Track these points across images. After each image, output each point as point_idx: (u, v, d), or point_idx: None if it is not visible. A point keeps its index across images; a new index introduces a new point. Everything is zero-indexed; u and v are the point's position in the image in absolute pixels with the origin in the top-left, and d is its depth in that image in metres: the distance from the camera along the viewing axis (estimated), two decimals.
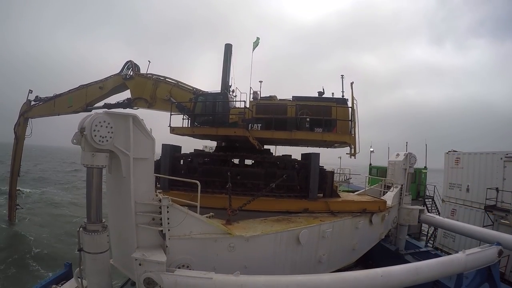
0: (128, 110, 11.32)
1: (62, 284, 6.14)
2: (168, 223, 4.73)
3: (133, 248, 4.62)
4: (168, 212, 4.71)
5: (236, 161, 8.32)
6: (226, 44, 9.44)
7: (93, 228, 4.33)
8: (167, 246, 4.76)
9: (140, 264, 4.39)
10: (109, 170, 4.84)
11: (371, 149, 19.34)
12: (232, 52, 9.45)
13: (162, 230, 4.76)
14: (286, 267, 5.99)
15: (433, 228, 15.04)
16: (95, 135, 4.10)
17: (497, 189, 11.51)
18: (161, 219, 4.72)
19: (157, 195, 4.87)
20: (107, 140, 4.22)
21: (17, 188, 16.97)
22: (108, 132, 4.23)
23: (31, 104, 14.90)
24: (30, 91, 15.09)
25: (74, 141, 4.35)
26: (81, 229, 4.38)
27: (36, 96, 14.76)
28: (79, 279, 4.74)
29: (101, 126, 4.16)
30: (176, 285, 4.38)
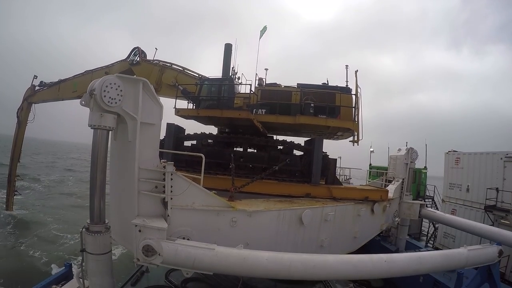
0: None
1: (62, 284, 6.06)
2: (171, 191, 4.69)
3: (134, 216, 4.56)
4: (171, 180, 4.68)
5: (239, 149, 8.30)
6: (226, 44, 9.63)
7: (96, 229, 4.27)
8: (168, 215, 4.70)
9: (140, 231, 4.31)
10: (115, 137, 4.83)
11: (371, 149, 19.32)
12: (242, 44, 9.61)
13: (164, 198, 4.71)
14: (288, 248, 5.91)
15: (433, 228, 14.95)
16: (105, 96, 4.11)
17: (497, 189, 11.49)
18: (164, 186, 4.68)
19: (161, 163, 4.85)
20: (116, 102, 4.23)
21: (16, 174, 16.80)
22: (118, 94, 4.24)
23: (36, 89, 14.96)
24: (35, 77, 15.17)
25: (83, 102, 4.36)
26: (83, 229, 4.32)
27: (41, 82, 14.83)
28: (81, 280, 4.65)
29: (111, 88, 4.18)
30: (177, 254, 4.31)
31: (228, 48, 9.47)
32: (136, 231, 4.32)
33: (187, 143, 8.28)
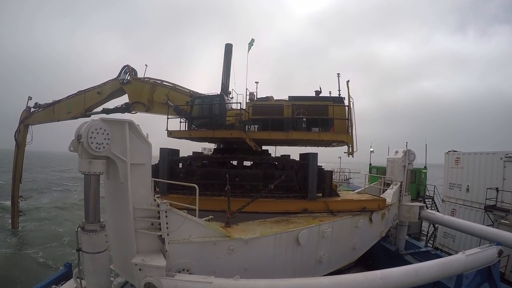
0: (126, 115, 11.39)
1: (62, 284, 6.16)
2: (167, 228, 4.76)
3: (133, 253, 4.64)
4: (166, 216, 4.73)
5: (234, 163, 8.34)
6: (226, 44, 9.42)
7: (91, 228, 4.33)
8: (166, 251, 4.79)
9: (140, 269, 4.43)
10: (107, 176, 4.87)
11: (371, 149, 19.34)
12: (239, 42, 9.38)
13: (161, 235, 4.79)
14: (286, 269, 6.00)
15: (433, 228, 15.02)
16: (92, 142, 4.12)
17: (497, 189, 11.49)
18: (160, 223, 4.75)
19: (155, 200, 4.89)
20: (103, 147, 4.24)
21: (19, 195, 17.07)
22: (105, 138, 4.25)
23: (31, 111, 15.01)
24: (30, 98, 15.19)
25: (71, 148, 4.37)
26: (79, 229, 4.39)
27: (36, 103, 14.86)
28: (78, 279, 4.74)
29: (98, 133, 4.18)
30: None
31: (228, 49, 9.29)
32: (136, 269, 4.43)
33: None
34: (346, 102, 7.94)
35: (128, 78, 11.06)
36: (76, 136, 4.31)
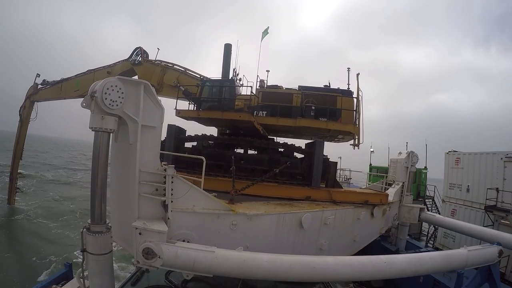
0: None
1: (62, 284, 6.04)
2: (172, 194, 4.71)
3: (134, 219, 4.57)
4: (172, 182, 4.69)
5: (240, 151, 8.31)
6: (225, 44, 9.58)
7: (97, 229, 4.27)
8: (168, 218, 4.72)
9: (140, 233, 4.34)
10: (116, 139, 4.84)
11: (371, 149, 19.44)
12: (254, 32, 9.54)
13: (165, 201, 4.73)
14: (287, 251, 5.90)
15: (433, 228, 14.93)
16: (106, 98, 4.11)
17: (497, 189, 11.48)
18: (164, 189, 4.70)
19: (162, 165, 4.86)
20: (117, 105, 4.22)
21: (18, 171, 16.96)
22: (119, 97, 4.24)
23: (38, 87, 15.06)
24: (38, 75, 15.27)
25: (84, 104, 4.37)
26: (84, 229, 4.32)
27: (44, 80, 14.94)
28: (81, 280, 4.65)
29: (113, 90, 4.18)
30: (177, 257, 4.32)
31: (227, 49, 9.44)
32: (136, 233, 4.34)
33: (188, 144, 8.31)
34: (354, 95, 8.00)
35: (140, 59, 11.15)
36: (90, 93, 4.31)
